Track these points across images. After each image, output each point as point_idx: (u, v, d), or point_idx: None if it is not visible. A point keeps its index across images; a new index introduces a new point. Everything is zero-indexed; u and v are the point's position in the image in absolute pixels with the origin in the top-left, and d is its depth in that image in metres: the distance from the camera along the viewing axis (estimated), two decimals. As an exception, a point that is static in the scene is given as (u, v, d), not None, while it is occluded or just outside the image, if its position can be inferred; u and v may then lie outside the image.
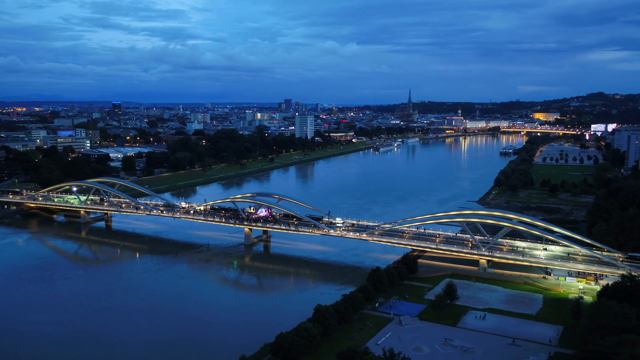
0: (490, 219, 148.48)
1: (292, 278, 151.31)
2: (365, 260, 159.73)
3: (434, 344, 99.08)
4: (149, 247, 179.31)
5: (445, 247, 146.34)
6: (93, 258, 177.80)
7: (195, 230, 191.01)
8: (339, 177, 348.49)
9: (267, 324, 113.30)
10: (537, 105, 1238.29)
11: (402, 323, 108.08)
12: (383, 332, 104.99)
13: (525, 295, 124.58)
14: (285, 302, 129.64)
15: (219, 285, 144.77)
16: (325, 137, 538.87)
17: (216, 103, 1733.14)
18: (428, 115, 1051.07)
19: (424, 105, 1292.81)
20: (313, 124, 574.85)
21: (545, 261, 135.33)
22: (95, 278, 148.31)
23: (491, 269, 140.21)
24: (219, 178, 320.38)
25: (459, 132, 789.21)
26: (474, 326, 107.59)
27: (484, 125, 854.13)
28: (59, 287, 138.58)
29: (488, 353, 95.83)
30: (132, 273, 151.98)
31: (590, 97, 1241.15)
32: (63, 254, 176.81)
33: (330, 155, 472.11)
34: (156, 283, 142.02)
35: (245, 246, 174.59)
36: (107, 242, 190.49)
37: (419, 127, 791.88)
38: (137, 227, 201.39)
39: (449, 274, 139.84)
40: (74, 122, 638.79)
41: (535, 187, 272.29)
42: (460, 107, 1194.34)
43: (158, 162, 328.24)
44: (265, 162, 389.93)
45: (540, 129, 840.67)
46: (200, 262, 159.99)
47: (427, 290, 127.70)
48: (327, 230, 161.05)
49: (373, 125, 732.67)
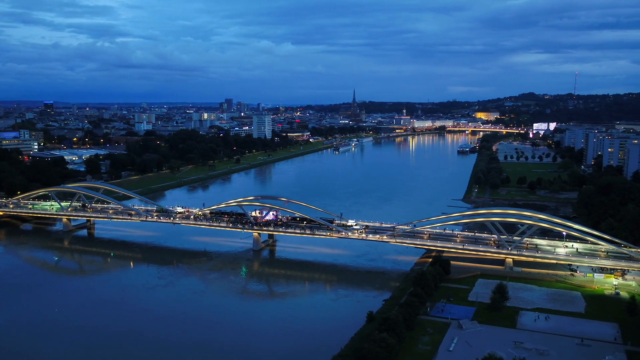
0: (510, 217, 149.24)
1: (318, 285, 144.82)
2: (385, 263, 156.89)
3: (505, 348, 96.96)
4: (144, 255, 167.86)
5: (472, 247, 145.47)
6: (82, 270, 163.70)
7: (192, 236, 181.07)
8: (312, 178, 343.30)
9: (319, 335, 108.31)
10: (474, 105, 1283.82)
11: (463, 327, 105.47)
12: (448, 337, 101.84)
13: (563, 294, 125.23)
14: (325, 310, 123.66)
15: (244, 298, 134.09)
16: (283, 138, 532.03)
17: (152, 103, 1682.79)
18: (374, 115, 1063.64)
19: (365, 104, 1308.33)
20: (271, 124, 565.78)
21: (574, 258, 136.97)
22: (95, 298, 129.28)
23: (518, 268, 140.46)
24: (191, 180, 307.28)
25: (408, 131, 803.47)
26: (534, 327, 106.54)
27: (430, 125, 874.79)
28: (58, 315, 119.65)
29: (563, 355, 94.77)
30: (137, 290, 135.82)
31: (522, 97, 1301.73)
32: (46, 267, 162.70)
33: (293, 155, 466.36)
34: (174, 304, 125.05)
35: (253, 252, 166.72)
36: (95, 252, 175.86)
37: (368, 126, 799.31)
38: (124, 234, 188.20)
39: (479, 274, 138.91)
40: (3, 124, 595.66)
41: (512, 185, 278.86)
42: (402, 107, 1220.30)
43: (123, 164, 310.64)
44: (231, 163, 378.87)
45: (482, 128, 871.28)
46: (210, 272, 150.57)
47: (466, 292, 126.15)
48: (346, 233, 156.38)
49: (325, 125, 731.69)
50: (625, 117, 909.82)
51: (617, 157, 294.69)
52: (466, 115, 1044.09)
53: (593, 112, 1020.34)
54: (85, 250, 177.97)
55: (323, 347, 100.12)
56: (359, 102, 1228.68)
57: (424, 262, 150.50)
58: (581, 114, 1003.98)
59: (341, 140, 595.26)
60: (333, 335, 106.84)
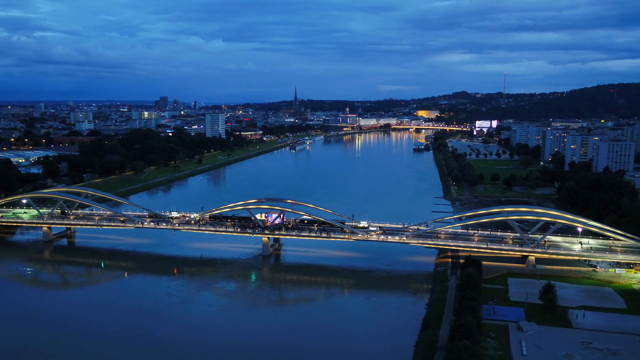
0: (528, 216, 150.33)
1: (347, 290, 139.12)
2: (402, 265, 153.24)
3: (576, 349, 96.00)
4: (138, 265, 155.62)
5: (496, 246, 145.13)
6: (66, 283, 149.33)
7: (188, 242, 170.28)
8: (282, 178, 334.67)
9: (378, 346, 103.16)
10: (411, 103, 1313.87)
11: (523, 329, 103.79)
12: (513, 340, 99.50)
13: (597, 290, 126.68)
14: (370, 319, 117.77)
15: (277, 311, 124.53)
16: (237, 137, 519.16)
17: (78, 101, 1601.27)
18: (317, 113, 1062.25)
19: (304, 103, 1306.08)
20: (224, 123, 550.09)
21: (597, 254, 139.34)
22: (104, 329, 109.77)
23: (541, 266, 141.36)
24: (159, 182, 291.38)
25: (355, 129, 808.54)
26: (591, 325, 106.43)
27: (375, 123, 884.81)
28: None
29: (634, 354, 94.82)
30: (149, 310, 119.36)
31: (456, 96, 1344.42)
32: (26, 282, 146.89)
33: (253, 154, 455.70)
34: (202, 327, 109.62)
35: (263, 257, 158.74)
36: (80, 263, 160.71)
37: (316, 125, 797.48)
38: (109, 242, 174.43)
39: (506, 273, 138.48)
40: None
41: (487, 182, 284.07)
42: (341, 105, 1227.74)
43: (82, 166, 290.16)
44: (193, 163, 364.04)
45: (425, 126, 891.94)
46: (223, 282, 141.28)
47: (502, 292, 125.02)
48: (364, 235, 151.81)
49: (273, 124, 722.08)
50: (552, 114, 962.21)
51: (580, 153, 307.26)
52: (408, 114, 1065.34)
53: (524, 110, 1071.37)
54: (70, 262, 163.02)
55: (394, 357, 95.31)
56: (300, 100, 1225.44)
57: (444, 263, 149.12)
58: (513, 111, 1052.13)
59: (295, 139, 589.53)
60: (394, 344, 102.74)
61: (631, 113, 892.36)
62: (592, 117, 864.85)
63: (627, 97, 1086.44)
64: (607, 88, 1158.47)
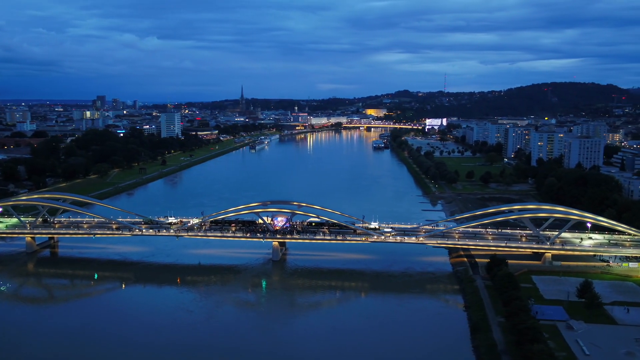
0: (542, 213, 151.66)
1: (371, 295, 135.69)
2: (416, 266, 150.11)
3: (633, 346, 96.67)
4: (136, 275, 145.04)
5: (514, 244, 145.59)
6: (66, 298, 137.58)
7: (187, 249, 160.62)
8: (257, 178, 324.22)
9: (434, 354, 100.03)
10: (357, 102, 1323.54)
11: (574, 328, 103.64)
12: (570, 340, 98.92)
13: (620, 285, 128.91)
14: (410, 325, 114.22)
15: (314, 320, 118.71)
16: (194, 136, 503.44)
17: (5, 100, 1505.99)
18: (265, 112, 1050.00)
19: (250, 101, 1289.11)
20: (180, 123, 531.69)
21: (613, 249, 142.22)
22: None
23: (558, 262, 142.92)
24: (128, 186, 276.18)
25: (307, 128, 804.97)
26: (634, 321, 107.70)
27: (326, 122, 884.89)
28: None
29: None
30: (169, 329, 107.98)
31: (398, 95, 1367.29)
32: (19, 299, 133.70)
33: (215, 155, 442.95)
34: (244, 349, 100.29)
35: (273, 262, 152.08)
36: (71, 275, 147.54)
37: (268, 124, 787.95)
38: (98, 251, 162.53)
39: (526, 271, 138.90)
40: None
41: (462, 180, 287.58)
42: (286, 104, 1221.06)
43: (42, 170, 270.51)
44: (157, 165, 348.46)
45: (374, 124, 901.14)
46: (242, 292, 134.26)
47: (531, 290, 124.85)
48: (381, 237, 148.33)
49: (224, 123, 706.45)
50: (493, 112, 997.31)
51: (546, 150, 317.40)
52: (356, 112, 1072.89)
53: (466, 108, 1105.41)
54: (59, 274, 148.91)
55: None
56: (246, 100, 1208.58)
57: (461, 263, 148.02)
58: (456, 109, 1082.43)
59: (253, 139, 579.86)
60: (451, 350, 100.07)
61: (565, 110, 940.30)
62: (529, 114, 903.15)
63: (560, 96, 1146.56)
64: (541, 87, 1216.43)
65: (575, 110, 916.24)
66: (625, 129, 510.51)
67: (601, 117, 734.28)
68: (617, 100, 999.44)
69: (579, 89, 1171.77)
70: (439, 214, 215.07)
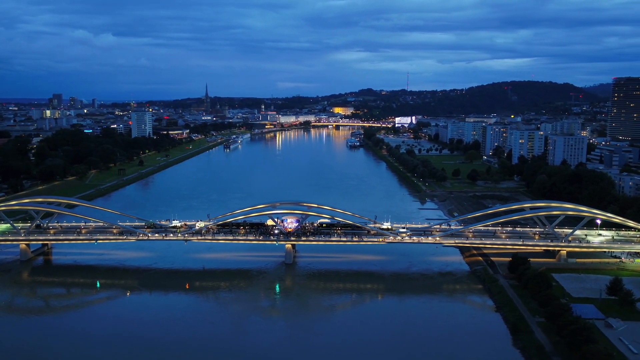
0: (555, 211, 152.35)
1: (396, 297, 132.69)
2: (431, 266, 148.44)
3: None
4: (141, 283, 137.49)
5: (531, 242, 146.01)
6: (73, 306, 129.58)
7: (192, 254, 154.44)
8: (238, 179, 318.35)
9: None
10: (321, 100, 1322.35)
11: (613, 327, 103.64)
12: (613, 339, 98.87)
13: (638, 281, 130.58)
14: (445, 329, 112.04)
15: (350, 325, 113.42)
16: (165, 136, 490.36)
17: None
18: (232, 110, 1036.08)
19: (215, 100, 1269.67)
20: (151, 122, 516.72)
21: (627, 246, 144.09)
22: None
23: (573, 259, 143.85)
24: (110, 188, 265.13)
25: (276, 127, 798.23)
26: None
27: (295, 120, 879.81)
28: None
29: None
30: (195, 345, 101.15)
31: (362, 93, 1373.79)
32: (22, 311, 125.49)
33: (191, 155, 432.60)
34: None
35: (286, 266, 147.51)
36: (72, 284, 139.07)
37: (236, 122, 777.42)
38: (94, 257, 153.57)
39: (544, 269, 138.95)
40: None
41: (450, 178, 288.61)
42: (251, 102, 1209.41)
43: (17, 172, 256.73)
44: (135, 165, 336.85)
45: (342, 122, 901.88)
46: (263, 300, 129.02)
47: (556, 288, 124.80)
48: (397, 237, 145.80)
49: (195, 122, 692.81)
50: (455, 110, 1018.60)
51: (527, 147, 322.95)
52: (323, 110, 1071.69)
53: (430, 106, 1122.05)
54: (58, 283, 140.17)
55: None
56: (211, 98, 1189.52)
57: (477, 262, 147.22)
58: (420, 107, 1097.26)
59: (225, 138, 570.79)
60: (496, 352, 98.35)
61: (525, 108, 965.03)
62: (490, 112, 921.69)
63: (519, 94, 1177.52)
64: (501, 85, 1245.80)
65: (536, 108, 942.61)
66: (591, 127, 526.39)
67: (561, 115, 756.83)
68: (575, 98, 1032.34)
69: (537, 88, 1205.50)
70: (436, 213, 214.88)
